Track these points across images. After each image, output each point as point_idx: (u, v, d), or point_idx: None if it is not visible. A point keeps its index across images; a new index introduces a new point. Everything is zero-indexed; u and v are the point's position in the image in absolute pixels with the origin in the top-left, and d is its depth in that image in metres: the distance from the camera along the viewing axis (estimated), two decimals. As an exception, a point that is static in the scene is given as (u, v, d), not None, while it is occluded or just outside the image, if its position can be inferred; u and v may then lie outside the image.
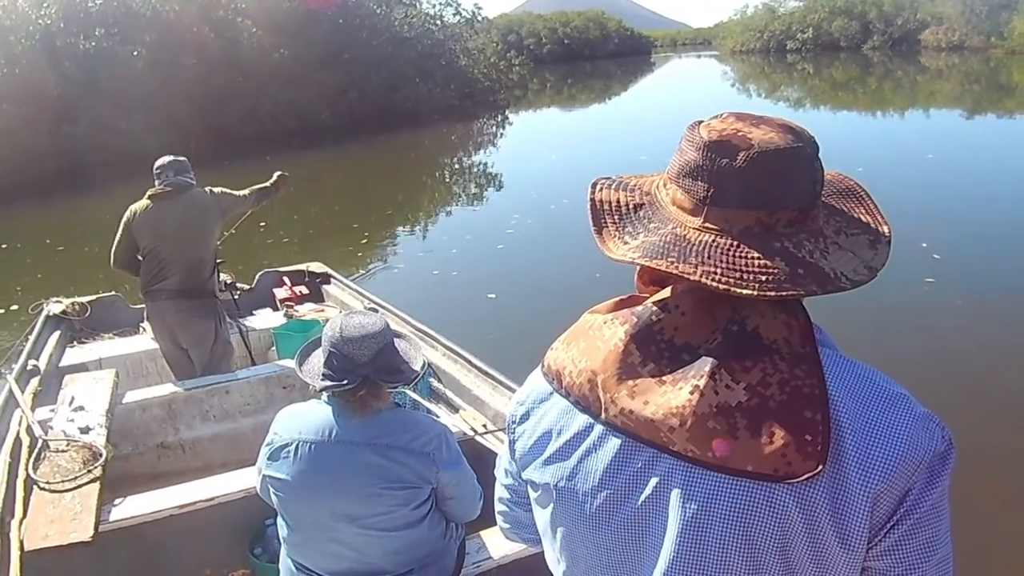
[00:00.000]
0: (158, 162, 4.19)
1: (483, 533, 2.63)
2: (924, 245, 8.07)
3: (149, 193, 4.14)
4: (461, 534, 2.36)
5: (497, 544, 2.59)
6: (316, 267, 5.64)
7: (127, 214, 4.15)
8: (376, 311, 4.35)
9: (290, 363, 4.01)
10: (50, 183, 15.59)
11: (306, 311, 4.99)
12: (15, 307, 5.18)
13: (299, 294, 5.29)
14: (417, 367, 2.16)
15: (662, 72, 63.78)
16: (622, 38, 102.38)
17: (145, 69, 20.07)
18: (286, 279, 5.45)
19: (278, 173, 4.64)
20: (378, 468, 2.02)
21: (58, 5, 19.73)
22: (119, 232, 4.16)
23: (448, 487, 2.14)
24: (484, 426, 3.49)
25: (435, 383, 3.93)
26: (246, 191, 4.42)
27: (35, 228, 12.96)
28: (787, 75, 46.21)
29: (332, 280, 5.49)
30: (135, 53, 20.06)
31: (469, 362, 3.87)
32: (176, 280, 4.07)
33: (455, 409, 3.73)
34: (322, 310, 5.00)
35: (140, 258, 4.15)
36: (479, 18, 35.50)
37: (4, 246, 11.65)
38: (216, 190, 4.26)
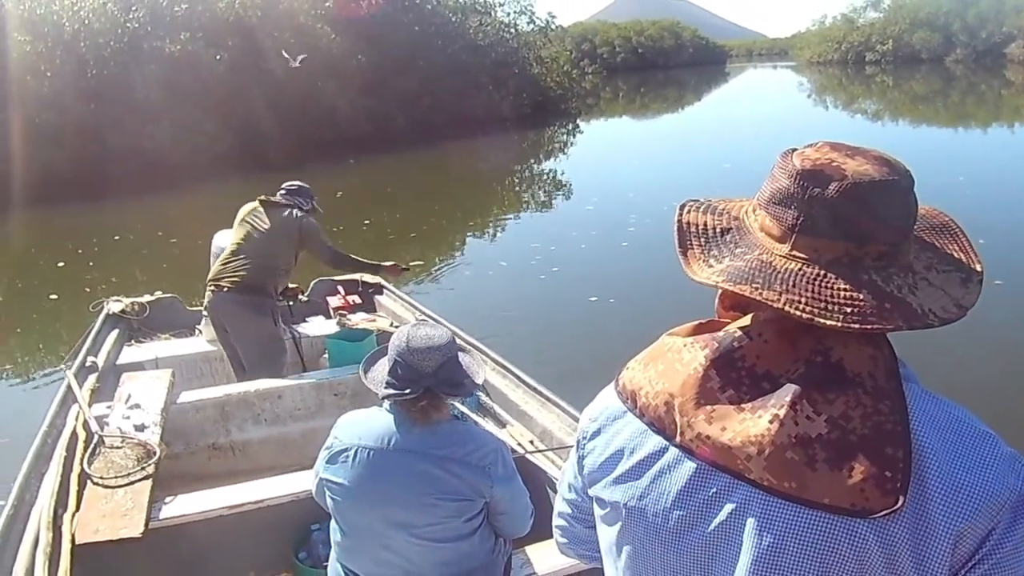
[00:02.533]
0: (286, 184, 4.57)
1: (528, 548, 2.62)
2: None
3: (262, 198, 4.47)
4: (508, 550, 2.36)
5: (542, 560, 2.58)
6: (370, 277, 5.68)
7: (240, 212, 4.48)
8: (427, 322, 4.35)
9: (341, 371, 4.09)
10: (133, 182, 16.15)
11: (358, 320, 5.01)
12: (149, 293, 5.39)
13: (352, 303, 5.33)
14: (479, 381, 2.19)
15: (737, 82, 62.96)
16: (697, 47, 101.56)
17: (227, 73, 20.59)
18: (340, 288, 5.50)
19: (391, 262, 4.87)
20: (434, 479, 2.03)
21: (145, 9, 20.37)
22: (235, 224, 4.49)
23: (501, 502, 2.14)
24: (531, 442, 3.48)
25: (483, 397, 3.92)
26: (337, 250, 4.58)
27: (133, 222, 13.40)
28: (865, 87, 45.15)
29: (385, 291, 5.53)
30: (218, 57, 20.61)
31: (518, 377, 3.84)
32: (242, 275, 4.22)
33: (502, 424, 3.71)
34: (374, 320, 5.02)
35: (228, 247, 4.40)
36: (553, 26, 35.52)
37: (117, 238, 12.16)
38: (309, 220, 4.45)
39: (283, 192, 4.51)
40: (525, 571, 2.53)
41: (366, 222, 12.40)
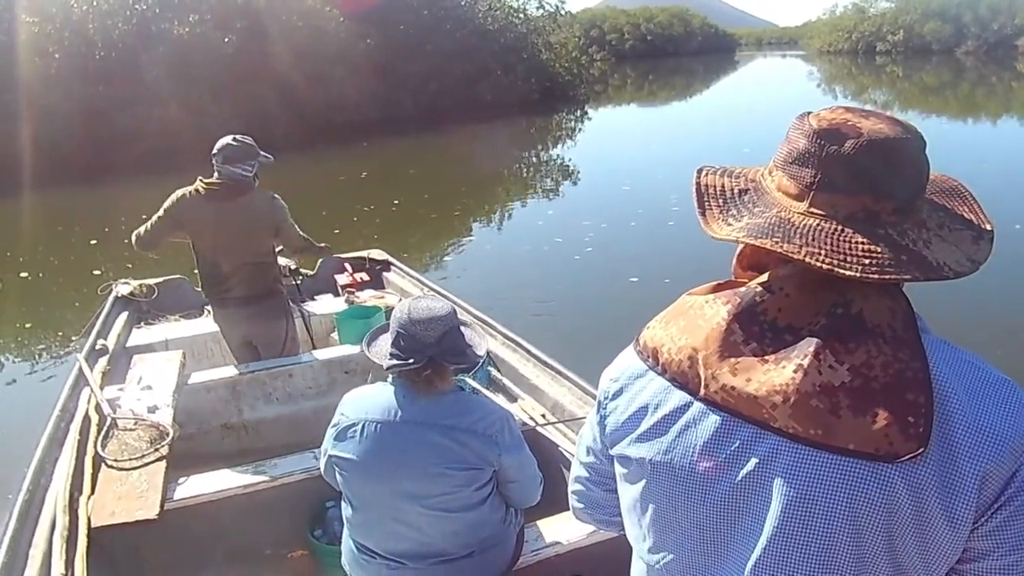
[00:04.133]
0: (217, 144, 3.86)
1: (540, 522, 2.63)
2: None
3: (204, 184, 3.86)
4: (520, 521, 2.38)
5: (555, 533, 2.59)
6: (377, 254, 5.67)
7: (173, 199, 3.89)
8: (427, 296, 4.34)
9: (351, 348, 4.10)
10: (141, 164, 16.15)
11: (367, 297, 5.03)
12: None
13: (360, 280, 5.33)
14: (481, 352, 2.19)
15: (746, 71, 62.64)
16: (706, 35, 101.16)
17: (236, 55, 20.57)
18: (347, 265, 5.50)
19: (323, 244, 4.44)
20: (442, 448, 2.05)
21: (154, -9, 20.38)
22: (158, 214, 3.90)
23: (510, 470, 2.16)
24: (543, 416, 3.47)
25: (494, 372, 3.92)
26: (304, 237, 4.16)
27: (141, 204, 13.40)
28: (875, 77, 44.95)
29: (392, 267, 5.53)
30: (226, 40, 20.57)
31: (528, 351, 3.84)
32: (242, 288, 3.98)
33: (513, 398, 3.71)
34: (382, 296, 5.03)
35: (193, 254, 4.01)
36: (562, 12, 35.33)
37: (107, 230, 12.10)
38: (279, 204, 3.99)
39: (219, 160, 3.82)
40: (539, 544, 2.54)
41: (395, 202, 12.54)
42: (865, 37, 70.59)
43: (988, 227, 1.00)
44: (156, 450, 2.94)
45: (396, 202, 12.56)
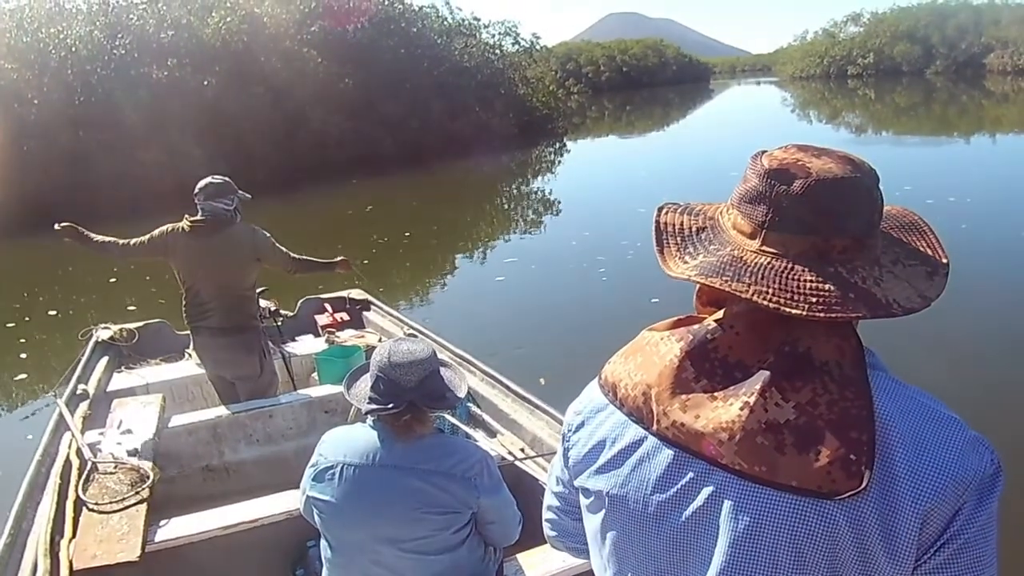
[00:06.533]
0: (198, 184, 4.06)
1: (519, 555, 2.64)
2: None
3: (189, 221, 4.05)
4: (499, 557, 2.37)
5: (533, 566, 2.60)
6: (357, 294, 5.70)
7: (162, 230, 4.11)
8: (416, 336, 4.38)
9: (331, 388, 4.12)
10: (124, 208, 16.13)
11: (347, 337, 5.05)
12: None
13: (340, 320, 5.36)
14: (461, 395, 2.20)
15: (721, 99, 63.33)
16: (680, 65, 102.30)
17: (216, 98, 20.63)
18: (327, 306, 5.52)
19: (341, 258, 4.59)
20: (420, 493, 2.05)
21: (132, 36, 20.43)
22: (146, 236, 4.13)
23: (489, 512, 2.16)
24: (522, 450, 3.50)
25: (473, 408, 3.95)
26: (297, 255, 4.28)
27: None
28: (848, 100, 45.60)
29: (372, 307, 5.56)
30: (205, 83, 20.65)
31: (507, 387, 3.89)
32: (217, 318, 4.09)
33: (493, 434, 3.74)
34: (363, 336, 5.06)
35: (179, 283, 4.17)
36: (538, 47, 35.76)
37: (87, 267, 12.09)
38: (260, 234, 4.14)
39: (202, 200, 4.01)
40: None
41: (407, 234, 12.71)
42: (836, 61, 71.68)
43: (944, 261, 1.01)
44: (137, 493, 2.96)
45: (407, 234, 12.86)
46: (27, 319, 9.42)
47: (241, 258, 4.11)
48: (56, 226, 4.10)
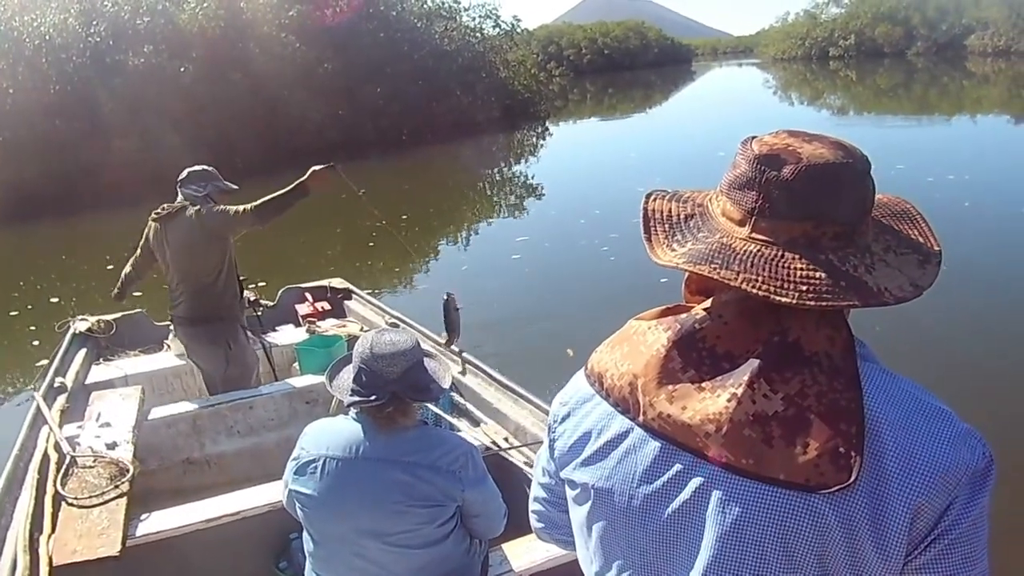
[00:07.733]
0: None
1: (504, 545, 2.63)
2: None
3: (153, 212, 4.13)
4: (484, 549, 2.36)
5: (519, 556, 2.59)
6: (337, 283, 5.66)
7: (145, 229, 4.21)
8: (397, 326, 4.35)
9: (313, 378, 4.09)
10: (102, 196, 15.98)
11: (328, 327, 5.01)
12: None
13: (321, 310, 5.31)
14: (445, 385, 2.17)
15: (704, 80, 63.38)
16: (662, 47, 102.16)
17: (193, 85, 20.44)
18: (308, 295, 5.47)
19: (312, 169, 3.91)
20: (404, 486, 2.02)
21: (107, 23, 20.20)
22: (140, 243, 4.26)
23: (474, 505, 2.14)
24: (506, 439, 3.49)
25: (457, 397, 3.92)
26: (248, 206, 3.92)
27: (104, 237, 13.30)
28: (830, 82, 45.75)
29: (353, 296, 5.52)
30: (182, 69, 20.44)
31: (490, 376, 3.86)
32: (184, 307, 4.09)
33: (476, 423, 3.71)
34: (344, 325, 5.02)
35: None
36: (518, 30, 35.54)
37: (64, 258, 12.03)
38: (204, 213, 3.95)
39: (179, 186, 4.06)
40: (503, 568, 2.54)
41: (404, 216, 12.62)
42: (818, 43, 71.78)
43: (936, 250, 0.99)
44: (117, 487, 2.92)
45: (405, 216, 12.81)
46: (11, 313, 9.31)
47: (192, 241, 3.99)
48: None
